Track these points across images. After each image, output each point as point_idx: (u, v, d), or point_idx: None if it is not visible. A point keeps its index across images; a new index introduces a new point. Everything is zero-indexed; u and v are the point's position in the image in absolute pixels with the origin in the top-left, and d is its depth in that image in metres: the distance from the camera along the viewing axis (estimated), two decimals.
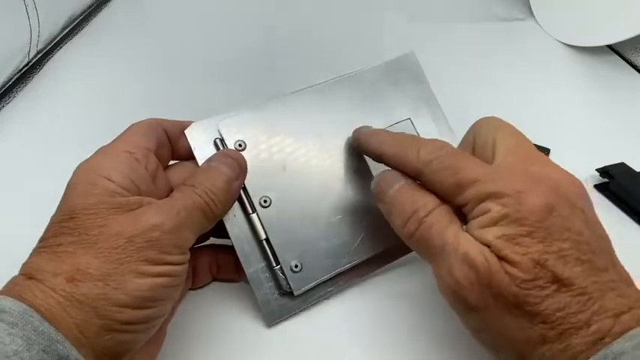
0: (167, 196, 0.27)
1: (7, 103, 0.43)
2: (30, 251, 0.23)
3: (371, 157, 0.30)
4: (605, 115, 0.46)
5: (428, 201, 0.25)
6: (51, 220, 0.24)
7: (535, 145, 0.40)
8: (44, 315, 0.20)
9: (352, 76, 0.33)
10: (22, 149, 0.39)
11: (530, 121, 0.30)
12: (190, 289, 0.31)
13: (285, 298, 0.29)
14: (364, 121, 0.32)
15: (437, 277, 0.24)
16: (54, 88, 0.45)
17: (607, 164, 0.39)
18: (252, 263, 0.29)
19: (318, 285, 0.30)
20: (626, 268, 0.23)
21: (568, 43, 0.53)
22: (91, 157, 0.26)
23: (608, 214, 0.23)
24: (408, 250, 0.32)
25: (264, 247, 0.29)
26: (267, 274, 0.29)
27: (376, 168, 0.31)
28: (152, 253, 0.23)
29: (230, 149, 0.29)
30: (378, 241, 0.31)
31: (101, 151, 0.26)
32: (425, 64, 0.35)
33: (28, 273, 0.22)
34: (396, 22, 0.55)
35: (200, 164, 0.29)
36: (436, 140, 0.26)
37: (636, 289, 0.22)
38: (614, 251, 0.23)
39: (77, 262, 0.22)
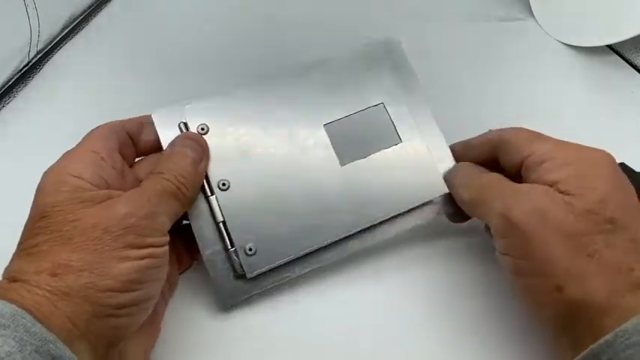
0: None
1: (7, 103, 0.43)
2: None
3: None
4: (605, 115, 0.46)
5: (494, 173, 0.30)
6: (25, 224, 0.24)
7: None
8: (34, 315, 0.20)
9: (325, 61, 0.33)
10: (22, 149, 0.39)
11: (529, 121, 0.30)
12: (181, 272, 0.31)
13: (240, 281, 0.30)
14: (335, 107, 0.32)
15: (500, 205, 0.26)
16: (54, 88, 0.45)
17: None
18: (208, 245, 0.30)
19: (272, 270, 0.30)
20: None
21: (568, 43, 0.53)
22: (57, 161, 0.26)
23: None
24: (366, 244, 0.32)
25: (221, 229, 0.29)
26: (222, 257, 0.30)
27: (342, 158, 0.31)
28: (131, 238, 0.23)
29: (191, 132, 0.30)
30: (334, 231, 0.31)
31: (66, 155, 0.27)
32: (424, 64, 0.35)
33: (10, 277, 0.22)
34: (395, 22, 0.55)
35: (164, 147, 0.29)
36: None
37: None
38: None
39: (55, 258, 0.22)
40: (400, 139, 0.32)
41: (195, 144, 0.29)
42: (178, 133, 0.30)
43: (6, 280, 0.22)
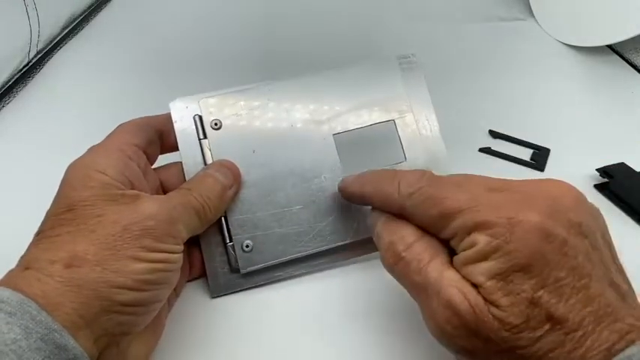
0: (157, 192, 0.28)
1: (7, 103, 0.43)
2: None
3: (357, 203, 0.29)
4: (605, 115, 0.46)
5: (406, 233, 0.24)
6: (47, 214, 0.24)
7: (535, 145, 0.40)
8: (41, 304, 0.21)
9: (341, 70, 0.33)
10: (22, 149, 0.39)
11: (530, 121, 0.30)
12: (188, 280, 0.31)
13: (233, 274, 0.31)
14: (346, 117, 0.32)
15: (423, 317, 0.23)
16: (54, 88, 0.45)
17: (607, 164, 0.39)
18: (208, 236, 0.30)
19: (265, 268, 0.31)
20: (626, 268, 0.23)
21: (568, 43, 0.53)
22: (83, 155, 0.26)
23: (608, 214, 0.23)
24: (362, 253, 0.32)
25: (222, 223, 0.30)
26: (220, 249, 0.30)
27: (347, 169, 0.32)
28: (147, 241, 0.24)
29: (227, 160, 0.30)
30: (332, 237, 0.31)
31: (93, 150, 0.27)
32: (424, 64, 0.35)
33: (24, 264, 0.22)
34: (395, 22, 0.55)
35: (178, 137, 0.30)
36: (416, 171, 0.25)
37: (633, 303, 0.21)
38: (615, 258, 0.22)
39: (74, 248, 0.22)
40: (405, 158, 0.32)
41: (228, 172, 0.29)
42: (192, 124, 0.31)
43: (19, 268, 0.23)
